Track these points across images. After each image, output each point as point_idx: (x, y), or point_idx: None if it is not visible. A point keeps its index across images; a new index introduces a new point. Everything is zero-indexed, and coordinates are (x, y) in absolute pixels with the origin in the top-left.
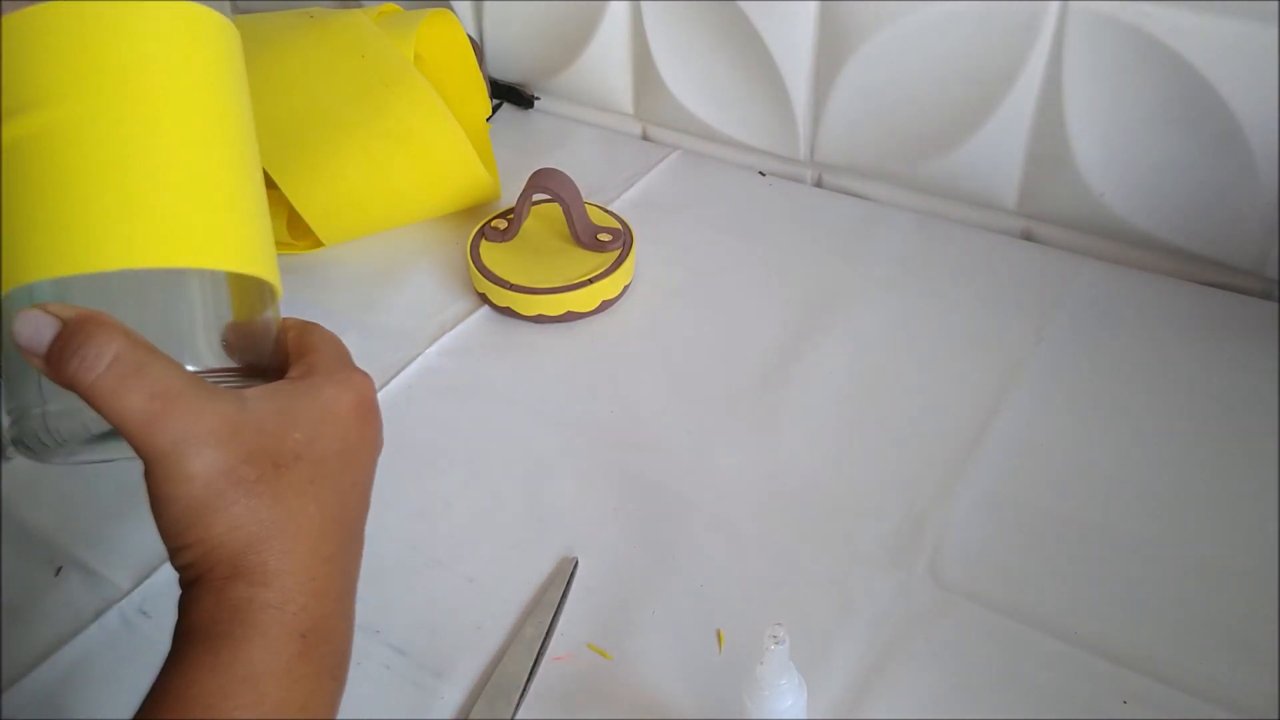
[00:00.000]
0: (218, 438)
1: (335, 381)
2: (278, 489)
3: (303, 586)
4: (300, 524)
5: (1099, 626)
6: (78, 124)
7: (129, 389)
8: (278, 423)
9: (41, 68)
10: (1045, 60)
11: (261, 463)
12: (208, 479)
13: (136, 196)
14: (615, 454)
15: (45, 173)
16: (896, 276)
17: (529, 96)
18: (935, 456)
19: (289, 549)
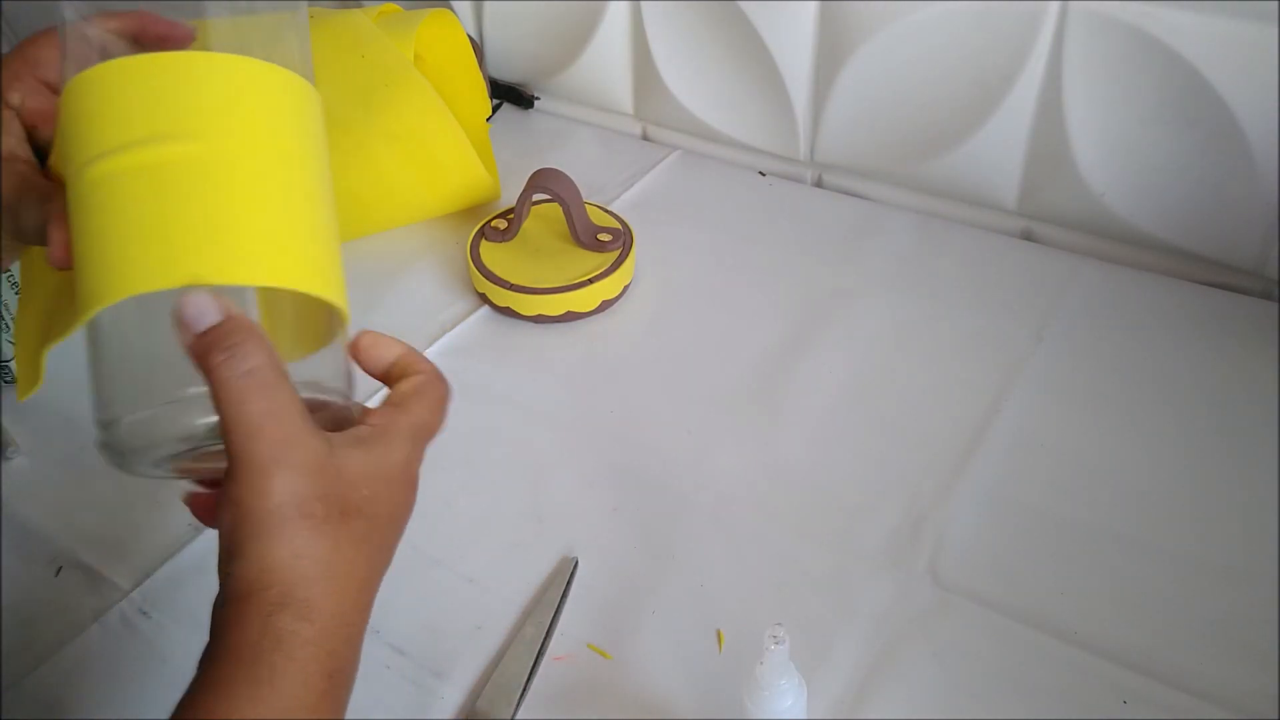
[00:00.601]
0: (305, 469)
1: (409, 443)
2: (339, 534)
3: (339, 630)
4: (350, 572)
5: (1099, 626)
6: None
7: (255, 398)
8: (355, 473)
9: (175, 108)
10: (1045, 60)
11: (331, 505)
12: (282, 500)
13: (245, 225)
14: (615, 454)
15: (168, 197)
16: (896, 276)
17: (529, 96)
18: (935, 456)
19: (336, 592)
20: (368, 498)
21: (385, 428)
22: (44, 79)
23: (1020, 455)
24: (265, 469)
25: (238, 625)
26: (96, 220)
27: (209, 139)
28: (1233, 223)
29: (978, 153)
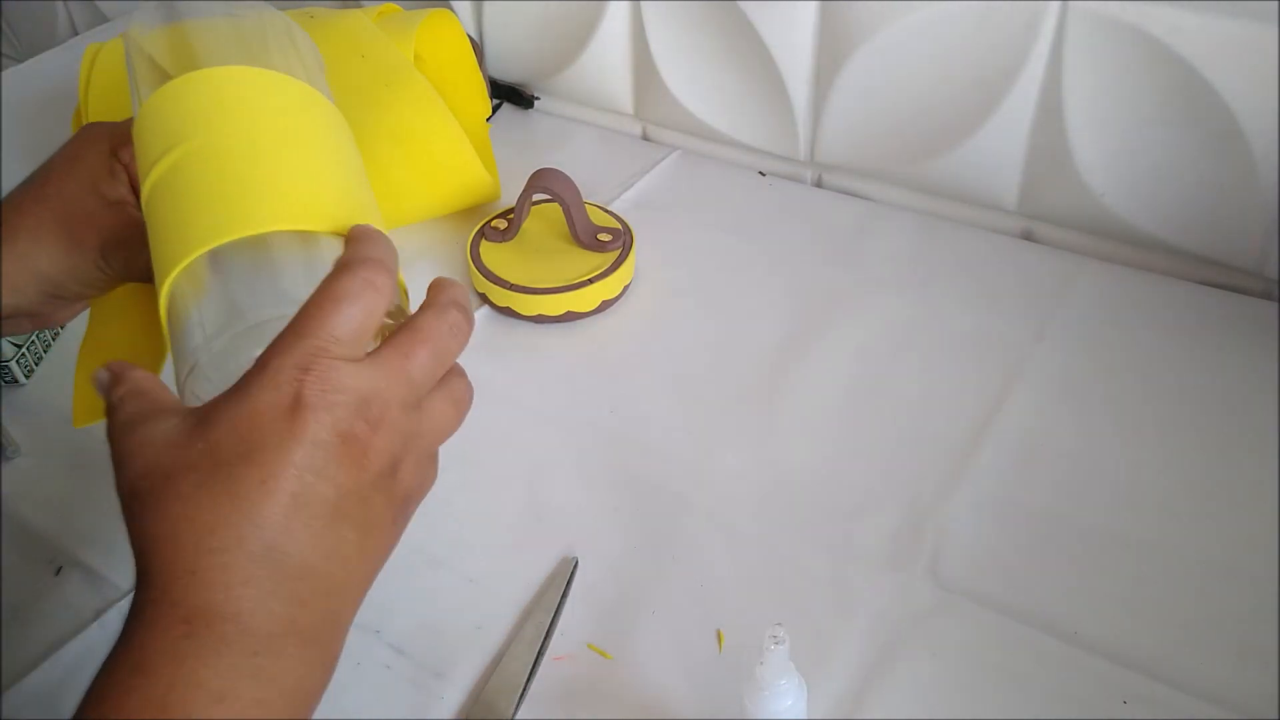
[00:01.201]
0: (129, 456)
1: (271, 385)
2: (161, 500)
3: (179, 580)
4: (178, 527)
5: (1099, 626)
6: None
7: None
8: (189, 436)
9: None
10: (1045, 60)
11: (153, 477)
12: (124, 490)
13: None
14: (615, 454)
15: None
16: (896, 276)
17: (529, 96)
18: (935, 456)
19: (161, 550)
20: (203, 450)
21: (261, 363)
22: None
23: (1020, 455)
24: (116, 468)
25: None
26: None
27: (263, 132)
28: (1233, 223)
29: (978, 153)
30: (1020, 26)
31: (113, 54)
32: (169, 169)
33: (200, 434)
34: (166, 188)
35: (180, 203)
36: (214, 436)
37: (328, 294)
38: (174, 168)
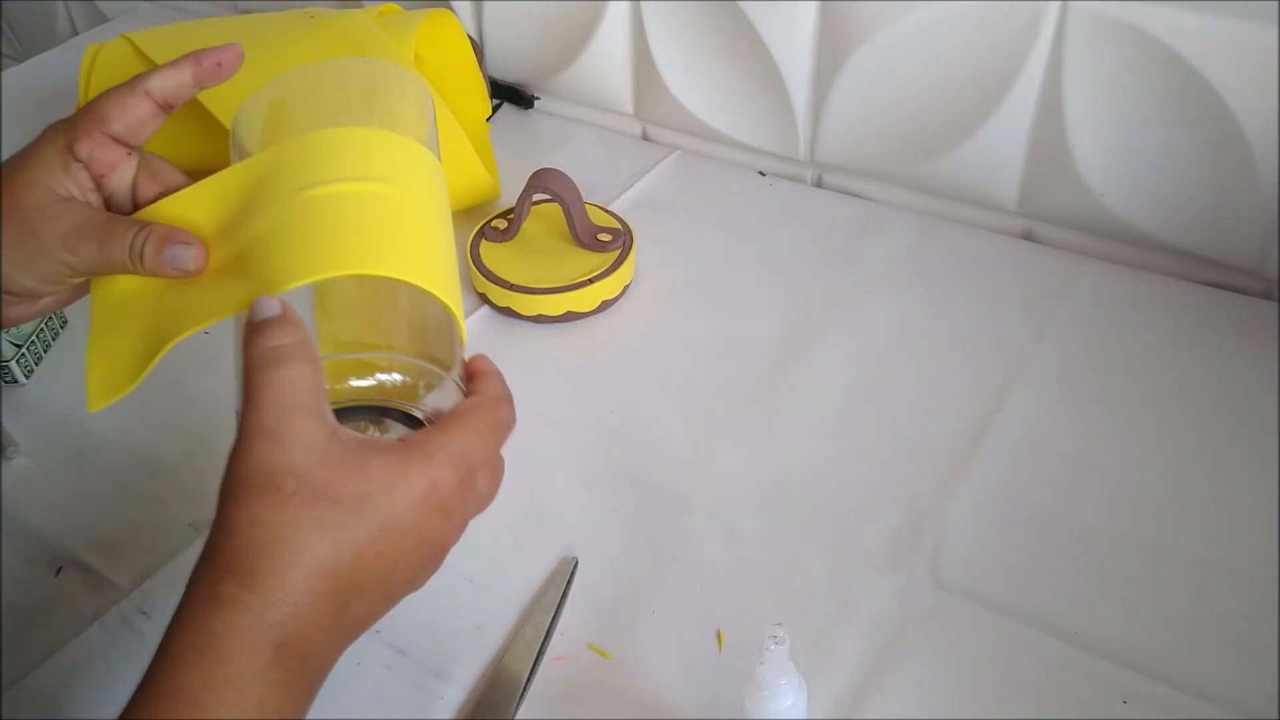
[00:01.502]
0: (286, 442)
1: (427, 466)
2: (300, 513)
3: (282, 604)
4: (302, 552)
5: (1099, 626)
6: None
7: (265, 367)
8: (349, 469)
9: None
10: (1045, 60)
11: (301, 483)
12: (255, 467)
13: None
14: (615, 454)
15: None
16: (896, 276)
17: (529, 96)
18: (935, 456)
19: (283, 567)
20: (354, 494)
21: (418, 443)
22: (110, 133)
23: (1021, 455)
24: (251, 434)
25: (190, 590)
26: (316, 224)
27: (394, 184)
28: (1233, 223)
29: (978, 153)
30: (1020, 26)
31: (113, 54)
32: (342, 193)
33: (355, 478)
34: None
35: (347, 224)
36: (366, 490)
37: (489, 416)
38: (345, 195)
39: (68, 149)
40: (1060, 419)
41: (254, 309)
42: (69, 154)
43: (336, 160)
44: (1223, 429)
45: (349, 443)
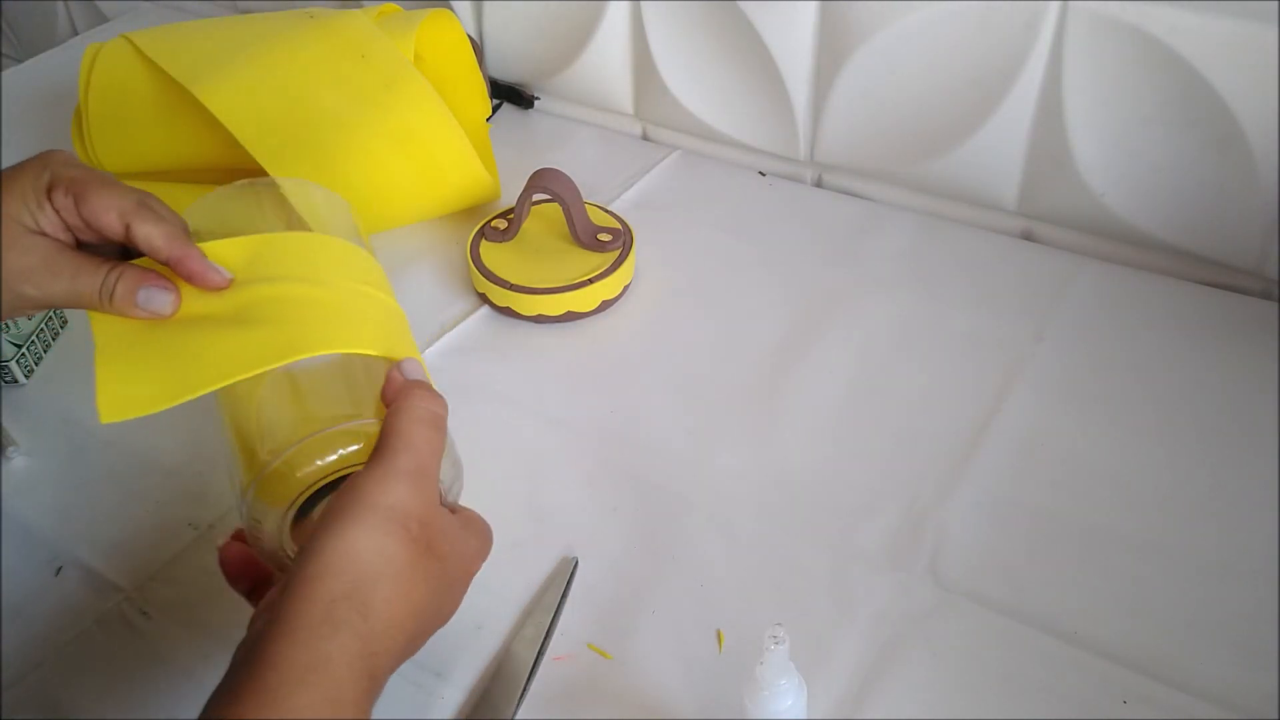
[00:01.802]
0: (422, 495)
1: (476, 541)
2: (418, 559)
3: (384, 638)
4: (411, 593)
5: (1099, 626)
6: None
7: (424, 428)
8: (449, 530)
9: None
10: (1045, 60)
11: (423, 533)
12: (393, 503)
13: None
14: (615, 454)
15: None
16: (896, 276)
17: (529, 96)
18: (935, 456)
19: (395, 602)
20: (447, 553)
21: (472, 519)
22: (81, 212)
23: (1020, 455)
24: (398, 473)
25: (300, 605)
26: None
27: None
28: (1233, 223)
29: (978, 153)
30: (1020, 26)
31: (113, 54)
32: (272, 295)
33: (449, 540)
34: (269, 303)
35: (276, 318)
36: (456, 550)
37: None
38: (276, 296)
39: (48, 190)
40: (1060, 419)
41: (405, 367)
42: (46, 196)
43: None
44: (1223, 429)
45: (445, 508)
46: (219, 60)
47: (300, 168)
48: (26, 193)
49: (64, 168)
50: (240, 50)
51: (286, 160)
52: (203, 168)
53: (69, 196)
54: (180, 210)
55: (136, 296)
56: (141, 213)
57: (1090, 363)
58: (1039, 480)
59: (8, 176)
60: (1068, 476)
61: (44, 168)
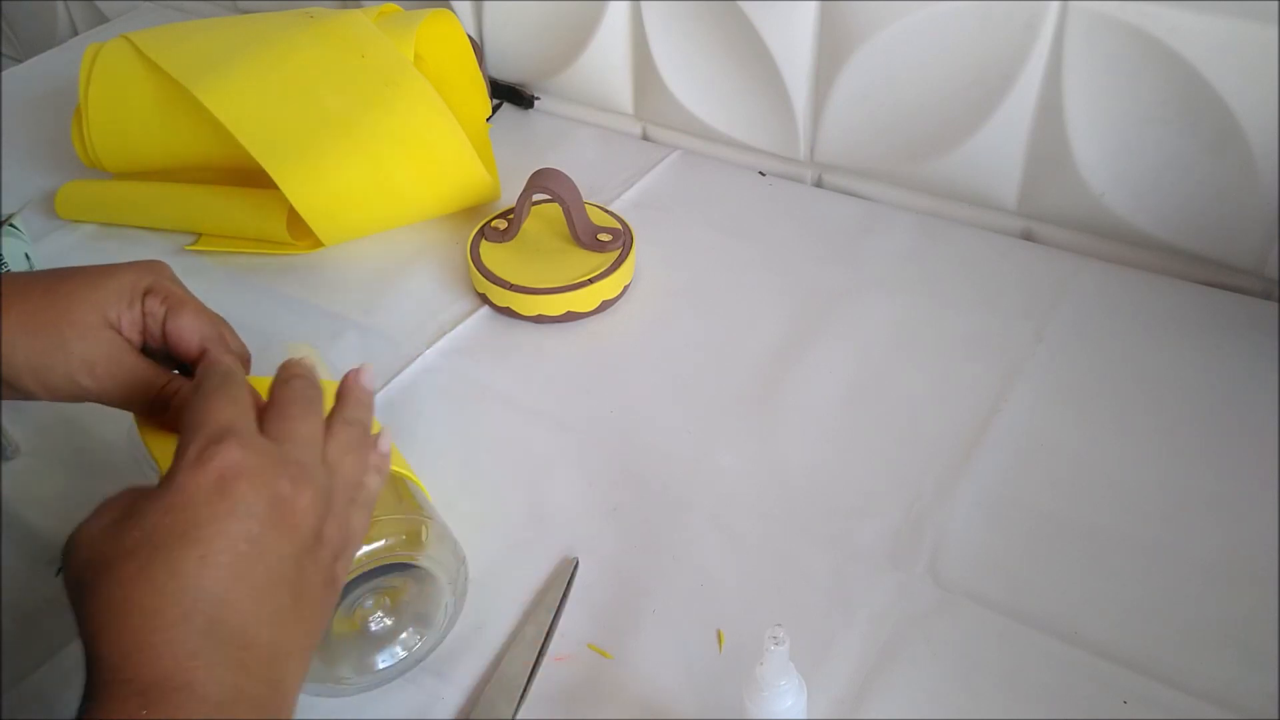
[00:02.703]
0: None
1: (195, 465)
2: (104, 587)
3: (130, 659)
4: (124, 609)
5: (1099, 626)
6: None
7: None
8: (124, 526)
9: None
10: (1045, 60)
11: (94, 567)
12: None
13: None
14: (615, 454)
15: None
16: (896, 276)
17: (529, 96)
18: (935, 456)
19: (109, 634)
20: (140, 537)
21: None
22: (168, 326)
23: (1020, 455)
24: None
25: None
26: None
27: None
28: (1233, 223)
29: (978, 153)
30: (1020, 26)
31: (113, 54)
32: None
33: (136, 523)
34: None
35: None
36: (149, 522)
37: (209, 391)
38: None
39: (144, 294)
40: (1060, 419)
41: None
42: (139, 299)
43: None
44: (1223, 429)
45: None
46: (219, 60)
47: (300, 168)
48: (124, 288)
49: (167, 280)
50: (240, 50)
51: (286, 160)
52: (203, 167)
53: (163, 306)
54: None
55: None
56: (219, 342)
57: (1090, 363)
58: (1039, 480)
59: (105, 269)
60: (1068, 476)
61: (149, 272)
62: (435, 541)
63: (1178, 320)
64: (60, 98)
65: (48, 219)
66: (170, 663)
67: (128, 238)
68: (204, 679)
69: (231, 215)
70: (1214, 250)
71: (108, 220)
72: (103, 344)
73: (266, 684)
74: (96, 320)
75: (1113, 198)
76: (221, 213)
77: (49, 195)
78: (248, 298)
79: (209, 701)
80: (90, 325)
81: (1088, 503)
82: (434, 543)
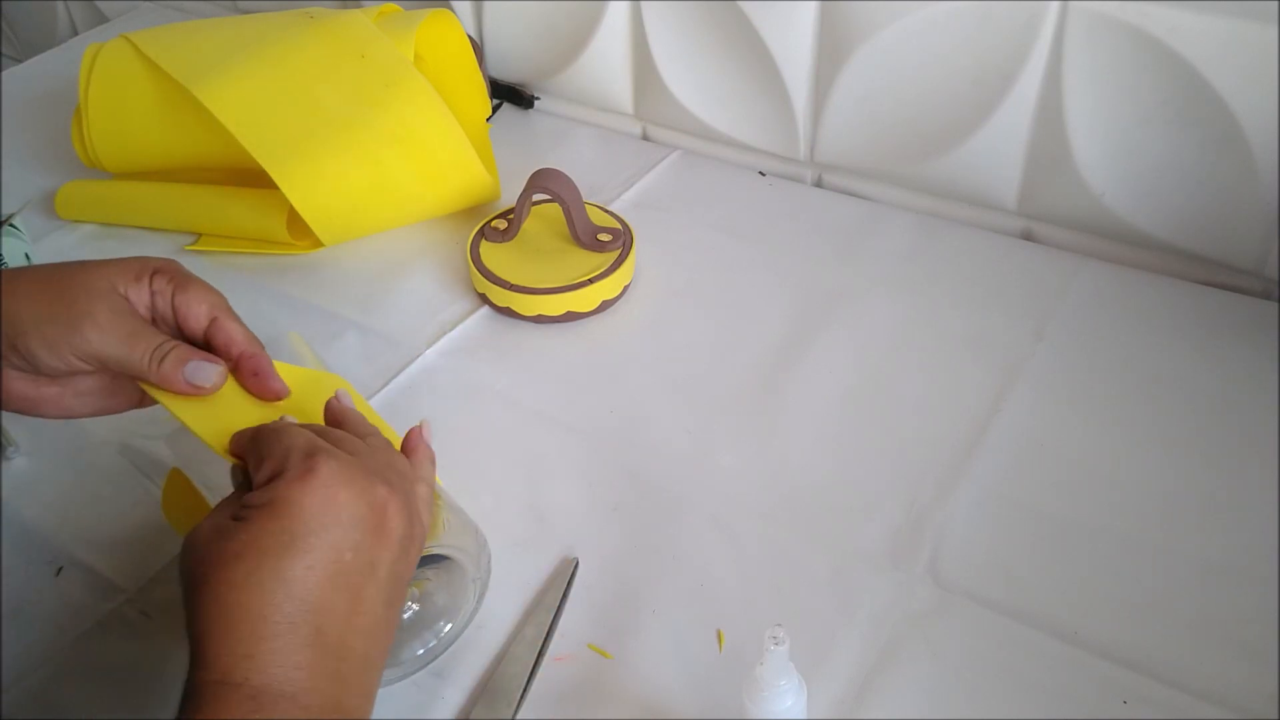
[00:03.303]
0: (193, 552)
1: (294, 477)
2: (215, 590)
3: (239, 664)
4: (234, 614)
5: (1099, 626)
6: None
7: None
8: (234, 530)
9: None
10: (1045, 60)
11: (205, 567)
12: (183, 582)
13: None
14: (615, 454)
15: None
16: (896, 276)
17: (529, 96)
18: (935, 456)
19: (218, 636)
20: (246, 540)
21: (277, 460)
22: (175, 304)
23: (1020, 455)
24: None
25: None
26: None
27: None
28: (1233, 223)
29: (978, 153)
30: (1020, 26)
31: (113, 54)
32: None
33: (244, 527)
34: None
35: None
36: (256, 528)
37: (280, 426)
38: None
39: (152, 273)
40: (1060, 419)
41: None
42: (147, 276)
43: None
44: (1223, 429)
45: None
46: (219, 60)
47: (300, 168)
48: (133, 266)
49: (170, 263)
50: (240, 50)
51: (286, 160)
52: (203, 167)
53: (170, 284)
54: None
55: (184, 368)
56: (228, 311)
57: (1090, 363)
58: (1039, 480)
59: (115, 260)
60: (1068, 476)
61: (151, 260)
62: (457, 529)
63: (1178, 320)
64: (60, 98)
65: (48, 219)
66: (278, 671)
67: (128, 238)
68: (308, 689)
69: (231, 215)
70: (1214, 250)
71: (108, 220)
72: (109, 300)
73: (360, 693)
74: (106, 286)
75: (1113, 198)
76: (221, 213)
77: (49, 195)
78: (248, 298)
79: (310, 710)
80: (100, 290)
81: (1088, 503)
82: (455, 531)
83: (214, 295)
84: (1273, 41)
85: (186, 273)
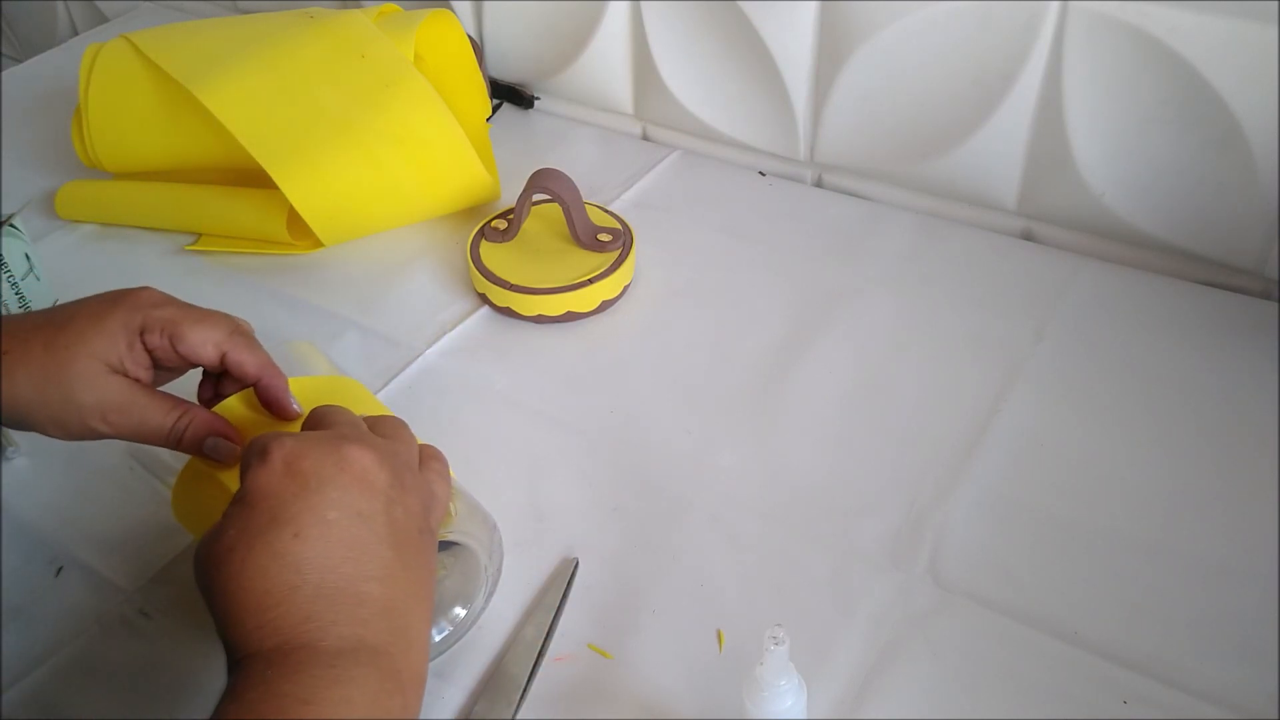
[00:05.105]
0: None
1: (262, 462)
2: (221, 583)
3: (253, 636)
4: (240, 600)
5: (1099, 627)
6: None
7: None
8: (222, 529)
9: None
10: (1045, 60)
11: (209, 570)
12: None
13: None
14: (615, 454)
15: None
16: (896, 276)
17: (529, 96)
18: (935, 456)
19: (234, 622)
20: (235, 534)
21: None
22: (178, 350)
23: (1020, 455)
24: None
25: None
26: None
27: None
28: (1233, 223)
29: (978, 153)
30: (1020, 26)
31: (113, 54)
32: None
33: (229, 524)
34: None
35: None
36: (240, 520)
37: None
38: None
39: (138, 332)
40: (1060, 419)
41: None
42: (137, 339)
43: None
44: (1223, 429)
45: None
46: (219, 60)
47: (300, 168)
48: (116, 333)
49: (155, 309)
50: (240, 50)
51: (286, 160)
52: (203, 167)
53: (165, 338)
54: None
55: (204, 444)
56: (235, 341)
57: (1090, 363)
58: (1039, 480)
59: (94, 314)
60: (1068, 476)
61: (135, 309)
62: (466, 516)
63: (1178, 320)
64: (60, 98)
65: (48, 219)
66: (288, 630)
67: (128, 238)
68: (321, 635)
69: (231, 215)
70: (1214, 250)
71: (108, 220)
72: (110, 391)
73: (388, 632)
74: (98, 369)
75: (1113, 198)
76: (221, 213)
77: (49, 195)
78: (248, 298)
79: (328, 652)
80: (94, 375)
81: (1088, 503)
82: (465, 517)
83: (215, 330)
84: (1273, 41)
85: (177, 315)
